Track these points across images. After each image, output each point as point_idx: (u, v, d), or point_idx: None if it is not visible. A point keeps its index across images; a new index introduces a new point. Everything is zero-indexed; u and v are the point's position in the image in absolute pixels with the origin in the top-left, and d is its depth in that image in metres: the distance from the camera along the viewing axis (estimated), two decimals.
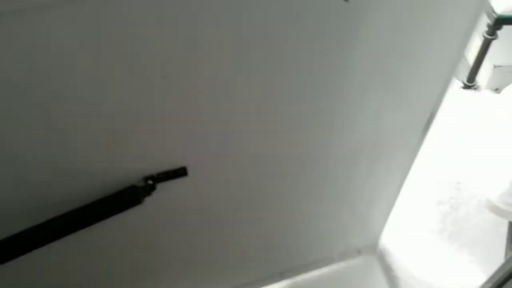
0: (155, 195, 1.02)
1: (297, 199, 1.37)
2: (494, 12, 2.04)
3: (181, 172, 1.03)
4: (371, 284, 1.81)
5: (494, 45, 2.17)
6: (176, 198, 1.12)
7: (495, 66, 2.28)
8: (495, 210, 1.56)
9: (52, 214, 0.91)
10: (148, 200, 1.01)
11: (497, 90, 2.37)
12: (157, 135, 0.93)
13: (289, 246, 1.63)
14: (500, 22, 2.06)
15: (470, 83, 2.37)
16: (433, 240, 1.88)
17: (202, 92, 0.89)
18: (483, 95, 2.34)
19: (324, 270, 1.79)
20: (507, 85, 1.92)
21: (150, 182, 1.00)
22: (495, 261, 1.87)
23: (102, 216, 0.97)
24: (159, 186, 1.02)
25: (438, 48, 1.03)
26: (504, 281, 1.06)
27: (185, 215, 1.21)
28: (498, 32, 2.11)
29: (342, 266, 1.79)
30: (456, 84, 2.45)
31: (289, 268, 1.76)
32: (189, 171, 1.04)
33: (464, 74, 2.41)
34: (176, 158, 1.01)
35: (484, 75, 2.36)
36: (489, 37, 2.11)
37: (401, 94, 1.13)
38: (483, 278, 1.81)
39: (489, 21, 2.08)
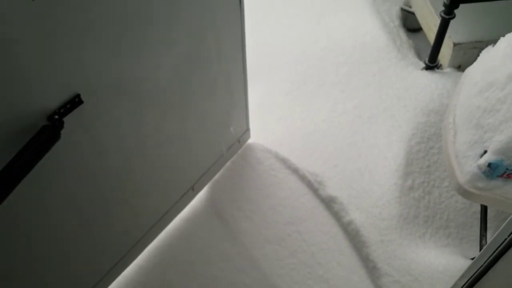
0: (69, 129, 1.12)
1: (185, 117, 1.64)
2: None
3: (77, 100, 1.12)
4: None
5: (454, 23, 2.16)
6: (88, 128, 1.22)
7: (455, 44, 2.28)
8: (465, 194, 1.56)
9: None
10: (65, 135, 1.09)
11: (459, 67, 2.37)
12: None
13: (193, 160, 1.83)
14: (456, 1, 2.05)
15: (432, 63, 2.36)
16: (410, 226, 1.88)
17: None
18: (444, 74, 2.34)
19: (225, 166, 2.07)
20: (469, 62, 1.91)
21: (56, 117, 1.08)
22: (471, 241, 1.90)
23: (31, 164, 1.01)
24: (67, 120, 1.11)
25: None
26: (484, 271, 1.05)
27: (102, 145, 1.30)
28: (456, 10, 2.10)
29: (233, 158, 2.11)
30: (419, 65, 2.45)
31: (197, 180, 1.92)
32: (84, 98, 1.14)
33: (426, 54, 2.40)
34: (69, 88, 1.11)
35: (445, 54, 2.36)
36: (447, 16, 2.10)
37: None
38: (461, 259, 1.83)
39: (445, 1, 2.07)
